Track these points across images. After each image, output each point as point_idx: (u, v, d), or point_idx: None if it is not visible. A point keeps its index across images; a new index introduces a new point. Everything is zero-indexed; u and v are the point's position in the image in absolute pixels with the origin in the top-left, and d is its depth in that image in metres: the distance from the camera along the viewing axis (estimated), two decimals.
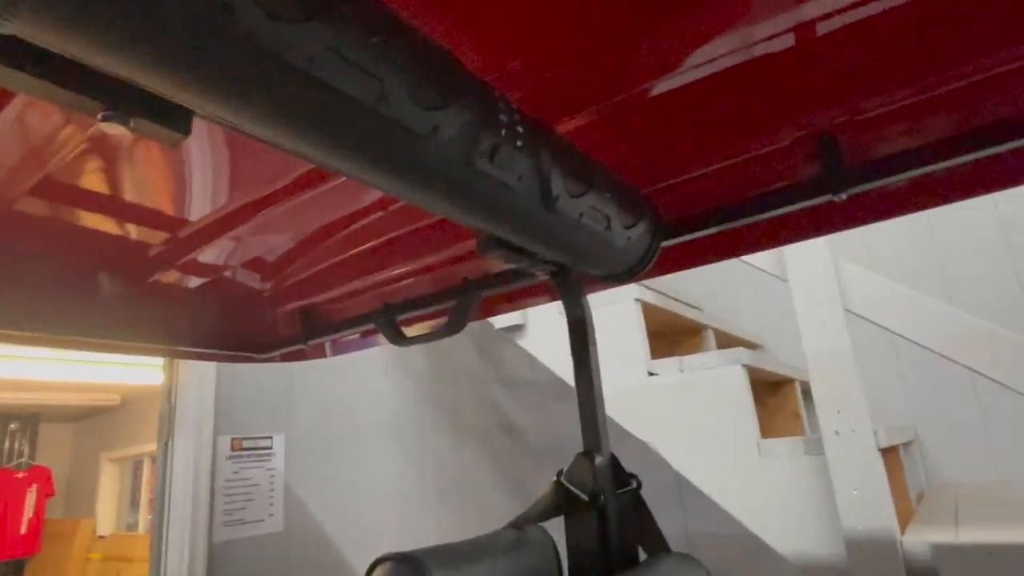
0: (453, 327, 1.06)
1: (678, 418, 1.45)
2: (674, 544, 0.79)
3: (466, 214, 0.55)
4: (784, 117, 0.71)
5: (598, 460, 0.75)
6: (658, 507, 0.80)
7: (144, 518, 5.24)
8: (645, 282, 1.85)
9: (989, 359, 1.35)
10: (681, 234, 0.80)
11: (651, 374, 1.52)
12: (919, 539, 1.14)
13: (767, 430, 1.49)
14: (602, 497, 0.73)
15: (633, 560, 0.76)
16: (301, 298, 1.25)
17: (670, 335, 1.97)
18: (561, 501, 0.76)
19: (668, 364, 1.50)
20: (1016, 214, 2.06)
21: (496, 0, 0.51)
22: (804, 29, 0.58)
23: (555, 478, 0.78)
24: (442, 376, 2.67)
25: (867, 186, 0.72)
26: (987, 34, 0.58)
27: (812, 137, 0.73)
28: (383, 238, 1.00)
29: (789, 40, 0.59)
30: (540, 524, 0.80)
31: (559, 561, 0.80)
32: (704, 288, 2.50)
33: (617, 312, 1.60)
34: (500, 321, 1.90)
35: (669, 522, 2.22)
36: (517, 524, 0.80)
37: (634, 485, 0.78)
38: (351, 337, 1.37)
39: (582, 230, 0.64)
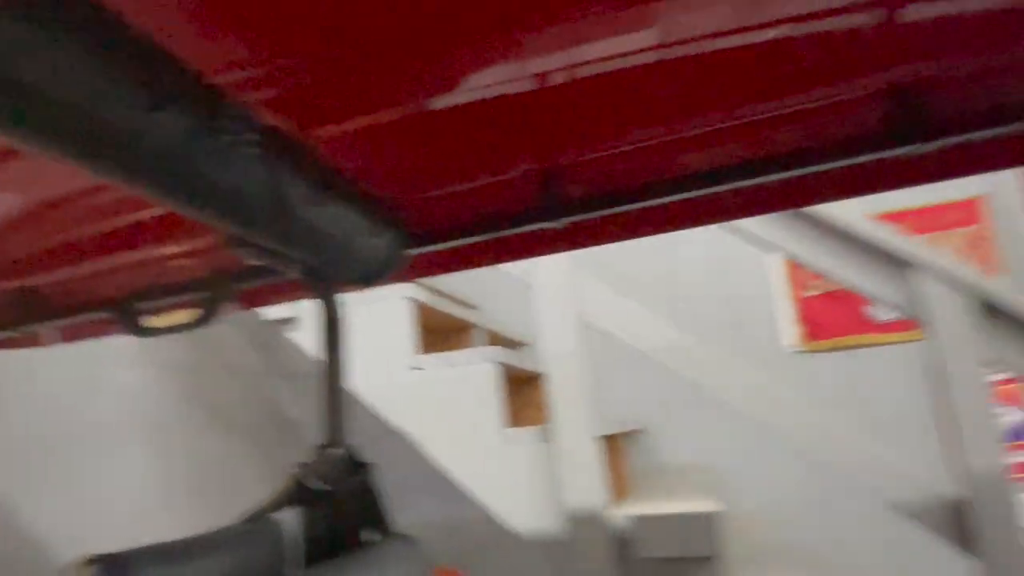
0: (204, 319, 1.03)
1: (437, 411, 1.54)
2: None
3: (197, 215, 0.55)
4: (520, 150, 0.82)
5: (334, 452, 0.80)
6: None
7: None
8: (423, 280, 1.93)
9: (690, 364, 1.65)
10: (425, 245, 0.87)
11: (415, 369, 1.60)
12: (622, 513, 1.36)
13: (519, 420, 1.65)
14: (335, 487, 0.77)
15: (361, 545, 0.81)
16: (20, 277, 1.09)
17: (443, 332, 2.08)
18: (297, 493, 0.79)
19: (432, 360, 1.59)
20: (725, 240, 2.52)
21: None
22: (542, 76, 0.67)
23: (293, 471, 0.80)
24: (205, 368, 2.48)
25: (581, 217, 0.86)
26: (709, 94, 0.71)
27: (541, 170, 0.85)
28: (127, 218, 0.93)
29: (530, 84, 0.68)
30: (274, 515, 0.81)
31: (289, 551, 0.82)
32: (486, 289, 2.69)
33: (386, 308, 1.65)
34: (273, 312, 1.84)
35: (425, 510, 2.33)
36: (251, 518, 0.81)
37: (367, 473, 0.83)
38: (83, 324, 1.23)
39: (323, 237, 0.68)
